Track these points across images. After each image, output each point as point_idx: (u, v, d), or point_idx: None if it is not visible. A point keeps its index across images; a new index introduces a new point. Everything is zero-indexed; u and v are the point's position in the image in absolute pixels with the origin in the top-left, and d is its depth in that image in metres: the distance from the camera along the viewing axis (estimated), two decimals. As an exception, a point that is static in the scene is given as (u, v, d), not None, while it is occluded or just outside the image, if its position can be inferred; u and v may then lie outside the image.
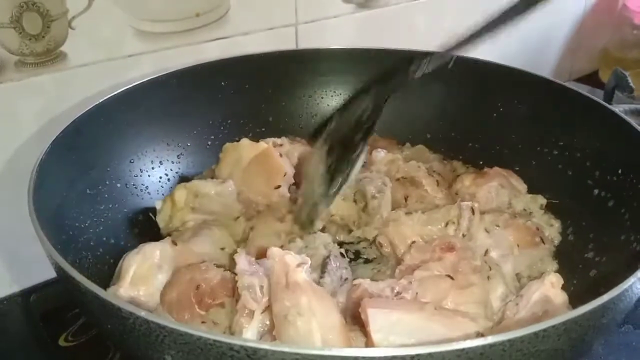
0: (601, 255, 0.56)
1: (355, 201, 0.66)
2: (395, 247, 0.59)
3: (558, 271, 0.57)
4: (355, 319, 0.47)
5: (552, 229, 0.62)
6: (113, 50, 0.66)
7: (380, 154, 0.70)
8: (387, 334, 0.43)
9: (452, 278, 0.51)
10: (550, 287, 0.50)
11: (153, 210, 0.63)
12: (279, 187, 0.65)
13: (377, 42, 0.89)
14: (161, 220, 0.62)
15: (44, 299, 0.64)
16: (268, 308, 0.45)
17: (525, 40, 1.13)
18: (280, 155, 0.66)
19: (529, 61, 1.16)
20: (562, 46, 1.24)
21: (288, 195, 0.66)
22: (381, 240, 0.60)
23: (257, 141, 0.67)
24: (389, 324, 0.44)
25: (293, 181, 0.66)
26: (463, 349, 0.31)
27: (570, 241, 0.61)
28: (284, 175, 0.65)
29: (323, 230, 0.62)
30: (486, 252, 0.57)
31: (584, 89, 1.10)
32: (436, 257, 0.54)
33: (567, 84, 1.19)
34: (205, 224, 0.60)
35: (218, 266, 0.53)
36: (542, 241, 0.59)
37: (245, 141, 0.66)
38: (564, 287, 0.50)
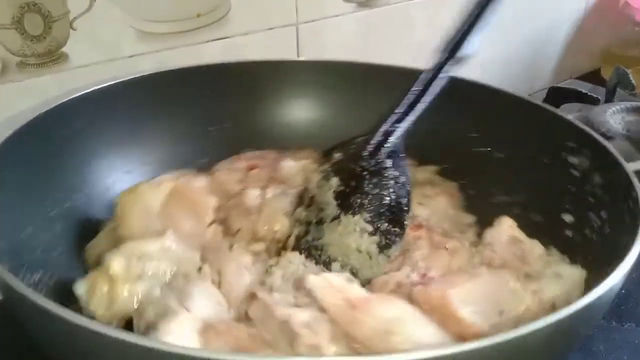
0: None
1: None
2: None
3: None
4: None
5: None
6: (114, 50, 0.66)
7: (289, 164, 0.61)
8: (471, 307, 0.43)
9: (446, 248, 0.51)
10: (510, 229, 0.53)
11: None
12: (212, 222, 0.55)
13: (378, 41, 0.89)
14: (97, 306, 0.45)
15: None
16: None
17: (526, 38, 1.13)
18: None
19: (530, 59, 1.16)
20: (563, 44, 1.24)
21: (221, 228, 0.55)
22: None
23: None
24: (468, 297, 0.44)
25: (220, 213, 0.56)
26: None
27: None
28: (214, 208, 0.55)
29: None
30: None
31: (585, 87, 1.11)
32: (413, 237, 0.53)
33: (568, 82, 1.21)
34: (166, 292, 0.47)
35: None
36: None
37: (143, 185, 0.54)
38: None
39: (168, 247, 0.48)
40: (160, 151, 0.64)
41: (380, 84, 0.67)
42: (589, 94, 1.03)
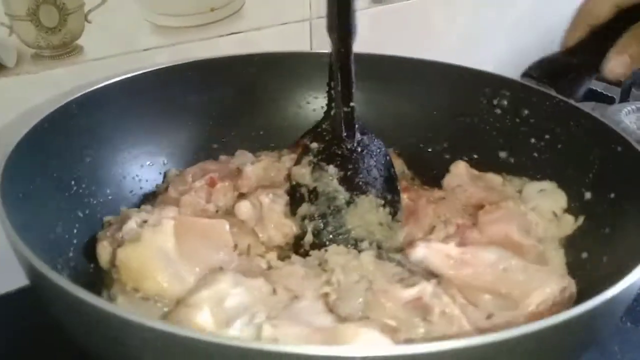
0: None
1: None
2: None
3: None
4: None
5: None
6: (129, 43, 0.66)
7: (250, 169, 0.61)
8: (518, 230, 0.53)
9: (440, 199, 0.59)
10: (466, 169, 0.62)
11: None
12: (236, 245, 0.52)
13: (392, 37, 0.89)
14: None
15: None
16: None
17: (542, 31, 1.12)
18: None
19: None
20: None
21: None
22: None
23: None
24: (517, 224, 0.53)
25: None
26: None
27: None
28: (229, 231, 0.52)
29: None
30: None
31: (600, 86, 1.10)
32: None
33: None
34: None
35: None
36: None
37: (145, 233, 0.47)
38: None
39: (233, 281, 0.44)
40: (177, 143, 0.65)
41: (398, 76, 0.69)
42: (604, 92, 1.03)
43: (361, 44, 0.85)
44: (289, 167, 0.62)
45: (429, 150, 0.68)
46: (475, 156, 0.65)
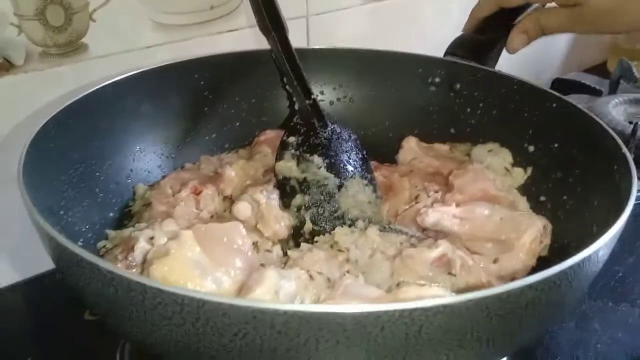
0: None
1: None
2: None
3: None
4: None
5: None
6: (131, 41, 0.68)
7: (230, 171, 0.62)
8: (494, 186, 0.60)
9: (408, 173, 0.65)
10: (417, 142, 0.68)
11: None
12: (255, 242, 0.55)
13: (387, 33, 0.91)
14: None
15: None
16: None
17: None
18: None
19: (538, 51, 1.17)
20: (572, 36, 1.25)
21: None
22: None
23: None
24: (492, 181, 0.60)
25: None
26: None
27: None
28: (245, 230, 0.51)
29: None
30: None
31: (591, 80, 1.12)
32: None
33: (574, 74, 1.22)
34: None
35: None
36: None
37: (171, 246, 0.45)
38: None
39: (277, 275, 0.44)
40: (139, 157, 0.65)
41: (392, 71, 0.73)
42: (592, 85, 1.05)
43: (355, 40, 0.87)
44: (265, 165, 0.65)
45: (373, 130, 0.72)
46: (416, 131, 0.70)
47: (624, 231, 0.41)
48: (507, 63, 0.69)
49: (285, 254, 0.53)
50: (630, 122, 0.86)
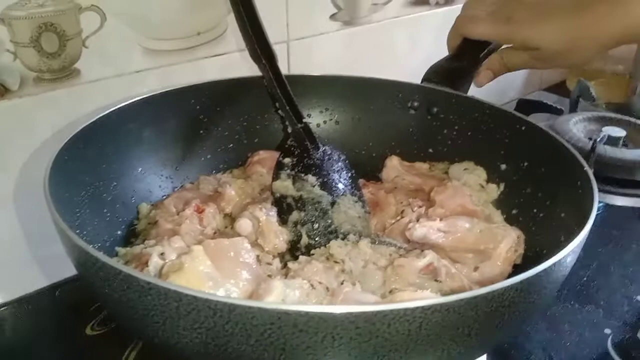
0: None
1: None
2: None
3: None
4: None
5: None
6: (122, 66, 0.71)
7: (230, 190, 0.66)
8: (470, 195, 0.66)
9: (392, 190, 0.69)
10: (399, 162, 0.73)
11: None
12: (258, 256, 0.58)
13: (361, 58, 0.96)
14: None
15: (69, 293, 0.68)
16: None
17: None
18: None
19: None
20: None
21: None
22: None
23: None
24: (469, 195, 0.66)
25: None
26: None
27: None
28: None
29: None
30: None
31: (551, 98, 1.19)
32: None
33: (536, 94, 1.29)
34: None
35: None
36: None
37: (184, 260, 0.48)
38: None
39: (283, 284, 0.48)
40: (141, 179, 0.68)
41: (369, 96, 0.78)
42: (554, 105, 1.11)
43: (333, 63, 0.91)
44: (261, 184, 0.69)
45: (357, 150, 0.78)
46: (398, 151, 0.76)
47: (588, 239, 0.45)
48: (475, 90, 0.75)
49: (284, 266, 0.56)
50: (590, 139, 0.90)
